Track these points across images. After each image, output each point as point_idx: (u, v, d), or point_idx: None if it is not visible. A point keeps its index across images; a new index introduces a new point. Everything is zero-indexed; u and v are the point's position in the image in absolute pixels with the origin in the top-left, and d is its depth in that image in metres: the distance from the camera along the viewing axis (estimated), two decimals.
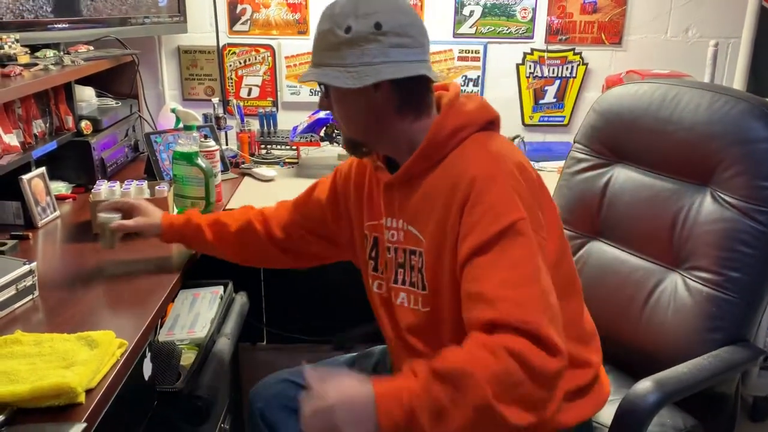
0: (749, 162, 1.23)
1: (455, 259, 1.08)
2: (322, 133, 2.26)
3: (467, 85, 2.57)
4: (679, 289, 1.32)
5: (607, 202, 1.49)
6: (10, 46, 1.77)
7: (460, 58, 2.55)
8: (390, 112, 1.13)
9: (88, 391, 1.01)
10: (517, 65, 2.57)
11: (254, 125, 2.45)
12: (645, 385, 1.12)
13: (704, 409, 1.21)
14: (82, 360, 1.05)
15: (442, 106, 1.15)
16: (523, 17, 2.51)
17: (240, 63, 2.58)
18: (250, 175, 2.24)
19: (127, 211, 1.47)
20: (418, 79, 1.12)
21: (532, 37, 2.53)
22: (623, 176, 1.48)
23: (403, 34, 1.10)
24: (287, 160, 2.38)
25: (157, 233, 1.48)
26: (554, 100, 2.60)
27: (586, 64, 2.55)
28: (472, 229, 1.05)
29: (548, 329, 0.95)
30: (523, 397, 0.93)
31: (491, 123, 1.16)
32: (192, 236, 1.47)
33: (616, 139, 1.49)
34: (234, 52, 2.56)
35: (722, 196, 1.27)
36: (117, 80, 2.35)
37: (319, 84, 1.18)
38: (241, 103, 2.52)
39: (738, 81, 2.28)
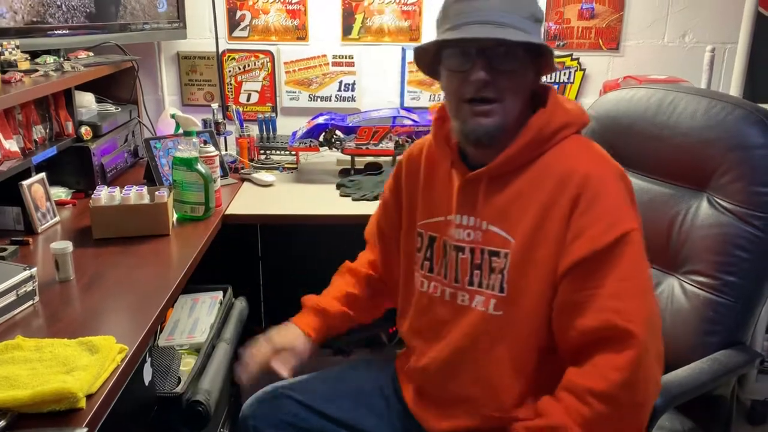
0: (746, 168, 1.24)
1: (550, 261, 1.05)
2: (321, 139, 2.27)
3: None
4: (676, 293, 1.33)
5: None
6: (10, 53, 1.78)
7: None
8: (528, 96, 1.11)
9: (89, 396, 1.02)
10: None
11: (253, 131, 2.46)
12: None
13: (701, 411, 1.22)
14: (82, 365, 1.06)
15: (549, 101, 1.11)
16: None
17: (239, 69, 2.59)
18: (249, 180, 2.25)
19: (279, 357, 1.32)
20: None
21: None
22: None
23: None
24: (286, 166, 2.38)
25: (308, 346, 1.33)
26: None
27: (584, 70, 2.56)
28: (581, 235, 1.02)
29: (648, 345, 1.00)
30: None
31: (585, 127, 1.15)
32: (338, 326, 1.39)
33: (612, 143, 1.49)
34: (233, 58, 2.57)
35: (719, 201, 1.28)
36: (117, 86, 2.36)
37: (506, 51, 1.04)
38: (241, 109, 2.53)
39: (734, 86, 2.29)
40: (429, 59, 1.16)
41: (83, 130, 1.99)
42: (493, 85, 1.05)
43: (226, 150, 2.43)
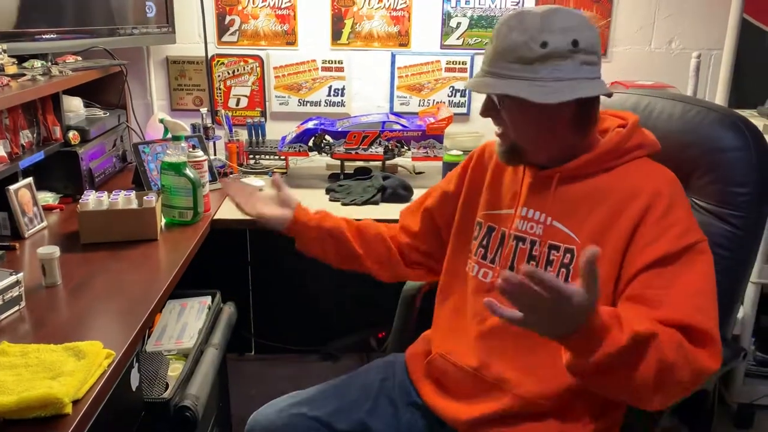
0: (722, 170, 1.28)
1: (610, 264, 1.11)
2: (310, 144, 2.27)
3: (454, 96, 2.60)
4: None
5: None
6: None
7: (448, 69, 2.57)
8: (566, 125, 1.16)
9: (75, 402, 1.01)
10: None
11: (243, 135, 2.46)
12: None
13: (685, 407, 1.22)
14: (69, 371, 1.05)
15: (630, 124, 1.20)
16: None
17: (228, 73, 2.59)
18: None
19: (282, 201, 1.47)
20: (597, 96, 1.16)
21: None
22: None
23: (593, 51, 1.12)
24: (276, 170, 2.38)
25: (285, 225, 1.46)
26: None
27: None
28: (657, 239, 1.09)
29: (718, 336, 1.04)
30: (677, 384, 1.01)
31: (657, 154, 1.22)
32: (320, 235, 1.45)
33: None
34: (222, 63, 2.57)
35: (697, 202, 1.31)
36: (105, 90, 2.35)
37: (496, 95, 1.18)
38: (230, 114, 2.53)
39: (720, 92, 2.31)
40: None
41: (71, 134, 1.98)
42: (496, 119, 1.20)
43: (215, 155, 2.43)
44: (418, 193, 2.08)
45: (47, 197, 1.94)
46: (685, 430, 1.31)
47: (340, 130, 2.26)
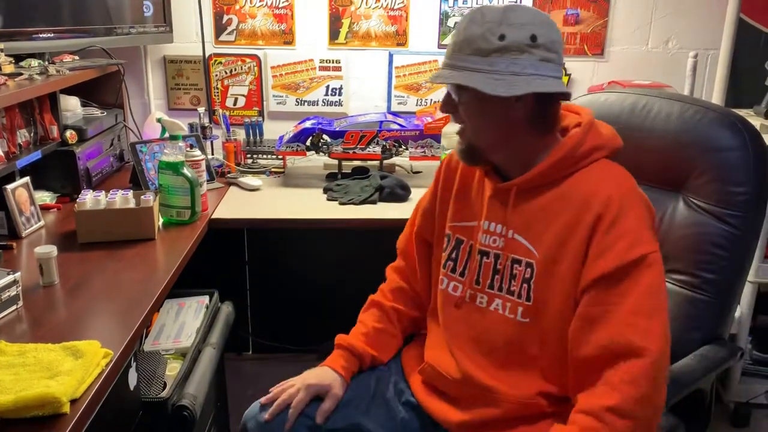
0: (720, 169, 1.28)
1: (572, 276, 1.10)
2: (308, 143, 2.27)
3: None
4: None
5: None
6: None
7: None
8: (523, 124, 1.14)
9: (73, 401, 1.01)
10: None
11: (240, 135, 2.46)
12: None
13: (683, 407, 1.23)
14: (66, 370, 1.05)
15: (583, 124, 1.16)
16: None
17: (226, 73, 2.58)
18: (236, 184, 2.24)
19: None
20: (556, 96, 1.14)
21: None
22: None
23: (553, 50, 1.10)
24: (273, 170, 2.38)
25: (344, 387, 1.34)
26: None
27: (569, 75, 2.58)
28: (604, 252, 1.07)
29: (661, 361, 1.05)
30: None
31: (617, 152, 1.18)
32: (366, 363, 1.38)
33: None
34: (220, 62, 2.57)
35: (695, 201, 1.31)
36: (102, 90, 2.34)
37: (455, 87, 1.15)
38: (227, 113, 2.53)
39: (717, 91, 2.32)
40: None
41: (68, 134, 1.98)
42: (455, 116, 1.19)
43: (212, 154, 2.43)
44: (415, 193, 2.09)
45: (44, 197, 1.94)
46: (682, 428, 1.31)
47: (337, 129, 2.26)
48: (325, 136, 2.27)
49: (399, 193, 2.09)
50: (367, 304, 1.45)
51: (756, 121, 2.09)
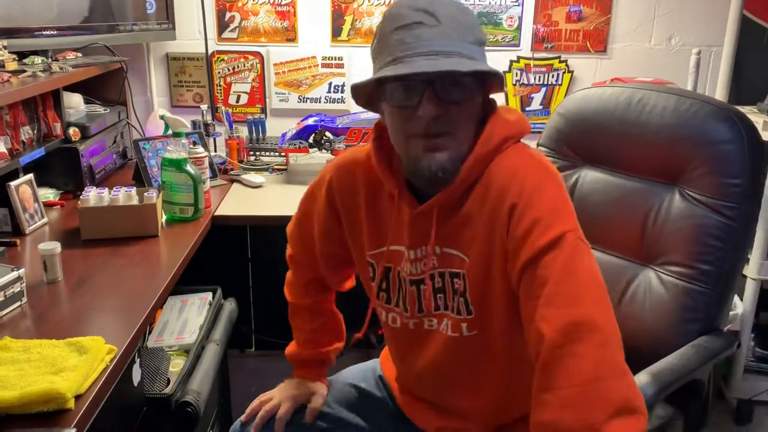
0: (716, 162, 1.29)
1: (503, 272, 1.01)
2: (310, 140, 2.27)
3: None
4: (653, 283, 1.35)
5: (576, 203, 1.50)
6: None
7: None
8: (479, 121, 1.04)
9: (78, 397, 1.01)
10: (504, 73, 2.59)
11: (243, 132, 2.46)
12: (642, 378, 1.15)
13: (681, 397, 1.24)
14: (71, 366, 1.05)
15: (489, 117, 1.05)
16: (510, 25, 2.54)
17: (228, 70, 2.59)
18: (238, 181, 2.24)
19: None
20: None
21: (518, 45, 2.56)
22: (591, 177, 1.50)
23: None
24: (276, 167, 2.38)
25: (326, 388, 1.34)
26: (540, 107, 2.62)
27: (572, 72, 2.58)
28: (522, 240, 0.97)
29: (614, 324, 0.92)
30: (615, 398, 0.88)
31: (524, 136, 1.08)
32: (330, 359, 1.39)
33: (582, 141, 1.51)
34: (222, 59, 2.57)
35: (691, 194, 1.32)
36: (105, 87, 2.35)
37: (458, 82, 0.98)
38: (230, 110, 2.52)
39: (720, 88, 2.31)
40: (367, 93, 1.08)
41: (71, 131, 1.98)
42: (443, 119, 0.98)
43: (215, 151, 2.43)
44: None
45: (48, 193, 1.94)
46: (680, 418, 1.32)
47: (340, 126, 2.26)
48: (327, 133, 2.27)
49: None
50: (291, 309, 1.41)
51: (759, 118, 2.08)
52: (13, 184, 1.67)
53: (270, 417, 1.26)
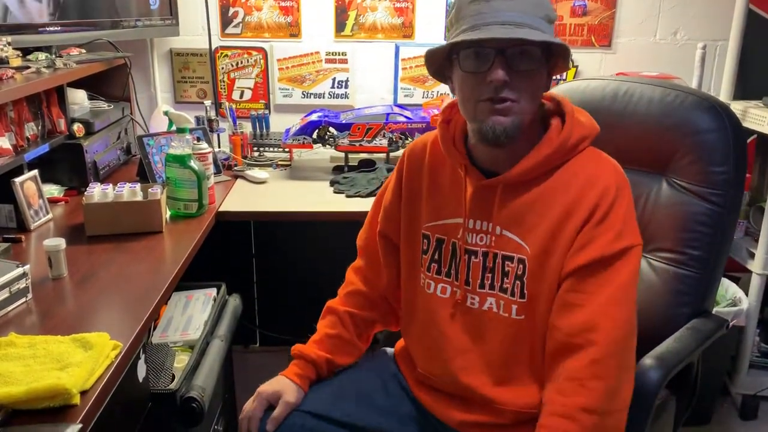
0: (701, 151, 1.33)
1: (560, 266, 1.09)
2: (314, 136, 2.27)
3: None
4: (645, 270, 1.38)
5: None
6: (2, 49, 1.77)
7: None
8: (541, 96, 1.14)
9: (83, 393, 1.02)
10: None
11: (247, 128, 2.46)
12: (648, 362, 1.18)
13: (673, 380, 1.25)
14: (76, 361, 1.06)
15: (567, 113, 1.14)
16: None
17: (232, 66, 2.58)
18: (242, 177, 2.24)
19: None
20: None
21: None
22: None
23: None
24: (280, 163, 2.38)
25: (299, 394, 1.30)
26: None
27: (576, 66, 2.57)
28: (593, 241, 1.07)
29: (627, 350, 1.08)
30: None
31: (598, 137, 1.17)
32: (324, 370, 1.34)
33: None
34: (226, 55, 2.57)
35: (678, 182, 1.35)
36: (109, 83, 2.35)
37: (524, 51, 1.05)
38: (234, 106, 2.53)
39: (726, 83, 2.30)
40: (439, 61, 1.16)
41: (76, 127, 1.98)
42: (510, 86, 1.05)
43: (219, 147, 2.43)
44: None
45: (52, 190, 1.94)
46: (672, 401, 1.35)
47: (344, 122, 2.26)
48: (331, 129, 2.27)
49: None
50: (324, 311, 1.40)
51: (765, 113, 2.07)
52: (17, 180, 1.67)
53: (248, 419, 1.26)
